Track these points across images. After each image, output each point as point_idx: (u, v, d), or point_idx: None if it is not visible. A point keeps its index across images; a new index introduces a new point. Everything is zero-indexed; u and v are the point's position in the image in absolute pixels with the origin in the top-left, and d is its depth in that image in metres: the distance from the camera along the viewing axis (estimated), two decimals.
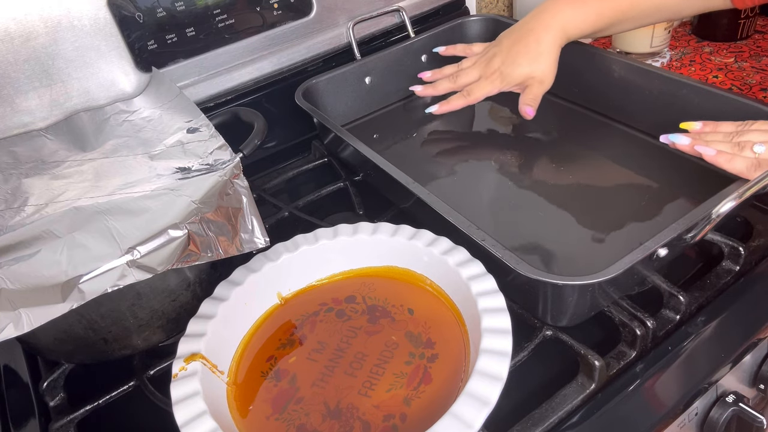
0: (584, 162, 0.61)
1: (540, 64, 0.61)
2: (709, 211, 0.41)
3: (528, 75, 0.62)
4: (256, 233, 0.42)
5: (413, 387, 0.40)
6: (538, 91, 0.62)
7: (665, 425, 0.41)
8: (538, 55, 0.61)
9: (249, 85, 0.69)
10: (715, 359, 0.43)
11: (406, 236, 0.47)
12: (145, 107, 0.56)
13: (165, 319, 0.45)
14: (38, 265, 0.37)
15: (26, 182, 0.47)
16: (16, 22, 0.54)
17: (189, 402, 0.37)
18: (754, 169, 0.46)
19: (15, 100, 0.55)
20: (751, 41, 0.87)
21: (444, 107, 0.67)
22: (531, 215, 0.55)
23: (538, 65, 0.61)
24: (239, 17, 0.66)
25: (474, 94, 0.65)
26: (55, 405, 0.46)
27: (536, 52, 0.61)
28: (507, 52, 0.63)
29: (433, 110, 0.67)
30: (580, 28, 0.61)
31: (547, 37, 0.60)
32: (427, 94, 0.70)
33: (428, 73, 0.71)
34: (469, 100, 0.65)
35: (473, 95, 0.65)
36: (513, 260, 0.41)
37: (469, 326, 0.41)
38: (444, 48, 0.73)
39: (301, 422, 0.39)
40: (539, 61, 0.61)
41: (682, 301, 0.44)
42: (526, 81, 0.62)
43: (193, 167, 0.45)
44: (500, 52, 0.64)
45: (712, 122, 0.52)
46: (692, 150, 0.51)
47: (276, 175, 0.67)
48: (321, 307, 0.47)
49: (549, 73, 0.62)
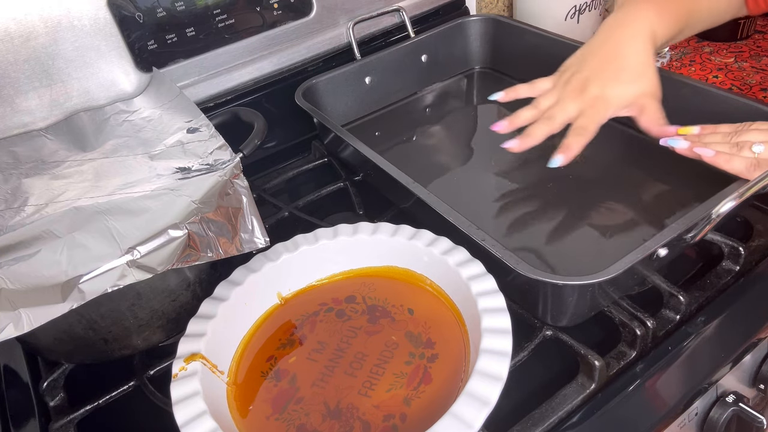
0: (584, 162, 0.61)
1: (646, 76, 0.53)
2: (709, 211, 0.41)
3: (638, 93, 0.53)
4: (256, 233, 0.42)
5: (413, 387, 0.40)
6: (657, 107, 0.53)
7: (665, 425, 0.41)
8: (641, 68, 0.53)
9: (249, 85, 0.69)
10: (715, 359, 0.43)
11: (406, 236, 0.47)
12: (145, 107, 0.56)
13: (165, 319, 0.45)
14: (38, 265, 0.37)
15: (26, 182, 0.47)
16: (16, 22, 0.54)
17: (189, 402, 0.37)
18: (753, 169, 0.46)
19: (15, 100, 0.55)
20: (751, 41, 0.87)
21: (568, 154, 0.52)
22: (531, 215, 0.55)
23: (645, 79, 0.53)
24: (239, 17, 0.66)
25: (590, 128, 0.52)
26: (55, 405, 0.46)
27: (638, 65, 0.53)
28: (601, 73, 0.53)
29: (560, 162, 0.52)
30: (664, 32, 0.54)
31: (642, 46, 0.53)
32: (527, 146, 0.55)
33: (504, 124, 0.56)
34: (587, 137, 0.52)
35: (590, 129, 0.52)
36: (513, 260, 0.41)
37: (469, 326, 0.41)
38: (503, 93, 0.59)
39: (301, 422, 0.39)
40: (645, 75, 0.53)
41: (682, 301, 0.44)
42: (638, 100, 0.53)
43: (193, 167, 0.45)
44: (593, 76, 0.53)
45: (711, 126, 0.52)
46: (691, 152, 0.50)
47: (276, 175, 0.67)
48: (321, 307, 0.47)
49: (657, 84, 0.53)
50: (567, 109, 0.54)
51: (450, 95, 0.77)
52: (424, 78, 0.76)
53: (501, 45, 0.78)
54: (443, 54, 0.77)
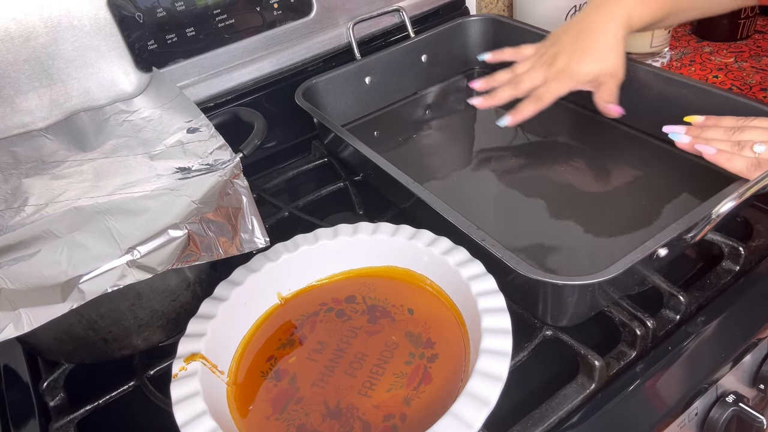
0: (584, 162, 0.61)
1: (610, 57, 0.57)
2: (709, 211, 0.41)
3: (599, 70, 0.57)
4: (256, 233, 0.42)
5: (413, 387, 0.40)
6: (613, 86, 0.58)
7: (665, 425, 0.41)
8: (607, 48, 0.57)
9: (249, 85, 0.69)
10: (715, 359, 0.43)
11: (406, 236, 0.47)
12: (145, 107, 0.56)
13: (165, 319, 0.45)
14: (38, 265, 0.37)
15: (26, 182, 0.47)
16: (16, 22, 0.54)
17: (189, 402, 0.37)
18: (754, 169, 0.46)
19: (15, 100, 0.55)
20: (751, 41, 0.87)
21: (517, 117, 0.60)
22: (531, 215, 0.55)
23: (608, 58, 0.57)
24: (239, 17, 0.66)
25: (545, 98, 0.59)
26: (55, 405, 0.46)
27: (605, 44, 0.57)
28: (572, 48, 0.58)
29: (507, 123, 0.60)
30: (643, 17, 0.57)
31: (614, 27, 0.56)
32: (489, 105, 0.62)
33: (480, 82, 0.64)
34: (541, 104, 0.59)
35: (545, 99, 0.59)
36: (513, 260, 0.41)
37: (469, 326, 0.41)
38: (491, 54, 0.66)
39: (301, 422, 0.39)
40: (609, 54, 0.57)
41: (682, 301, 0.44)
42: (599, 77, 0.57)
43: (193, 167, 0.45)
44: (564, 50, 0.59)
45: (714, 117, 0.52)
46: (692, 148, 0.51)
47: (276, 175, 0.67)
48: (321, 307, 0.47)
49: (621, 65, 0.57)
50: (534, 77, 0.60)
51: (450, 95, 0.77)
52: (424, 78, 0.76)
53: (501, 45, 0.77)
54: (443, 54, 0.77)
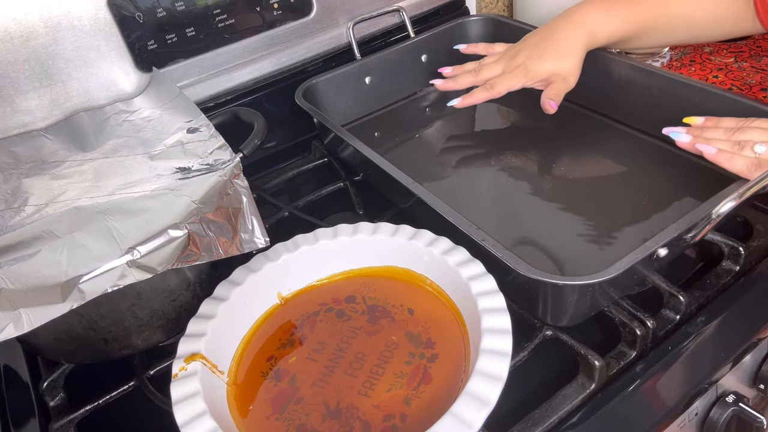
0: (584, 162, 0.61)
1: (566, 60, 0.60)
2: (709, 211, 0.41)
3: (553, 71, 0.61)
4: (256, 233, 0.42)
5: (413, 387, 0.40)
6: (561, 88, 0.61)
7: (665, 425, 0.41)
8: (564, 52, 0.60)
9: (249, 85, 0.69)
10: (715, 359, 0.43)
11: (406, 236, 0.47)
12: (145, 107, 0.56)
13: (165, 319, 0.45)
14: (38, 265, 0.37)
15: (26, 182, 0.47)
16: (16, 22, 0.54)
17: (189, 402, 0.37)
18: (754, 169, 0.46)
19: (15, 100, 0.55)
20: (751, 41, 0.87)
21: (467, 100, 0.64)
22: (531, 215, 0.55)
23: (563, 62, 0.60)
24: (239, 17, 0.66)
25: (497, 87, 0.63)
26: (55, 405, 0.46)
27: (563, 49, 0.60)
28: (533, 48, 0.62)
29: (456, 103, 0.65)
30: (607, 32, 0.61)
31: (575, 36, 0.60)
32: (448, 88, 0.68)
33: (448, 69, 0.68)
34: (492, 93, 0.63)
35: (496, 89, 0.63)
36: (513, 260, 0.41)
37: (469, 326, 0.41)
38: (465, 46, 0.71)
39: (301, 422, 0.39)
40: (565, 58, 0.60)
41: (682, 301, 0.44)
42: (551, 77, 0.61)
43: (193, 167, 0.45)
44: (525, 48, 0.63)
45: (714, 117, 0.52)
46: (693, 148, 0.51)
47: (276, 175, 0.67)
48: (321, 307, 0.47)
49: (574, 72, 0.61)
50: (493, 68, 0.65)
51: (450, 95, 0.77)
52: (424, 78, 0.76)
53: None
54: (443, 54, 0.77)
